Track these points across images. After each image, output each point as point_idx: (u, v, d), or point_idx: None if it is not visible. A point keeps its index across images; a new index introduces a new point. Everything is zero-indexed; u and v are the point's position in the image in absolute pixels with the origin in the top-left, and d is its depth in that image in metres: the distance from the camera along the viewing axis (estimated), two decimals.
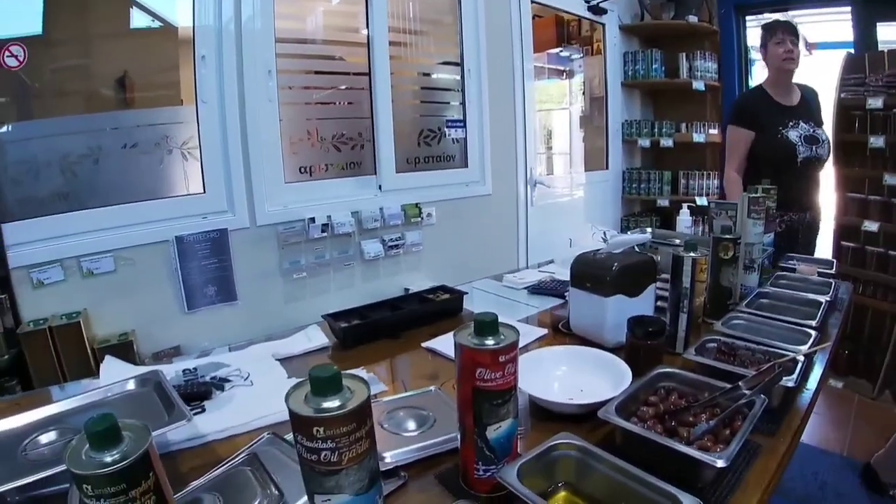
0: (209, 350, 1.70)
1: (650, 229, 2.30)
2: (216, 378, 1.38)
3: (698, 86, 4.47)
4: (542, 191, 4.10)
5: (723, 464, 0.86)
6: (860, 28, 3.98)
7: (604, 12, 4.45)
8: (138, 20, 2.48)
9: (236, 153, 2.62)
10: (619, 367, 1.25)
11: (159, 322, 2.47)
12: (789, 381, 1.13)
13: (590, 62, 4.89)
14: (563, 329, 1.69)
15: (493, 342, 0.85)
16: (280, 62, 2.74)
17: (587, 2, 4.33)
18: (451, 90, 3.56)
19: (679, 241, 1.97)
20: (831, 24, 4.21)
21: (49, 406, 1.16)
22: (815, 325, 1.47)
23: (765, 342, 1.35)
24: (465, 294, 1.99)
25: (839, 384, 3.70)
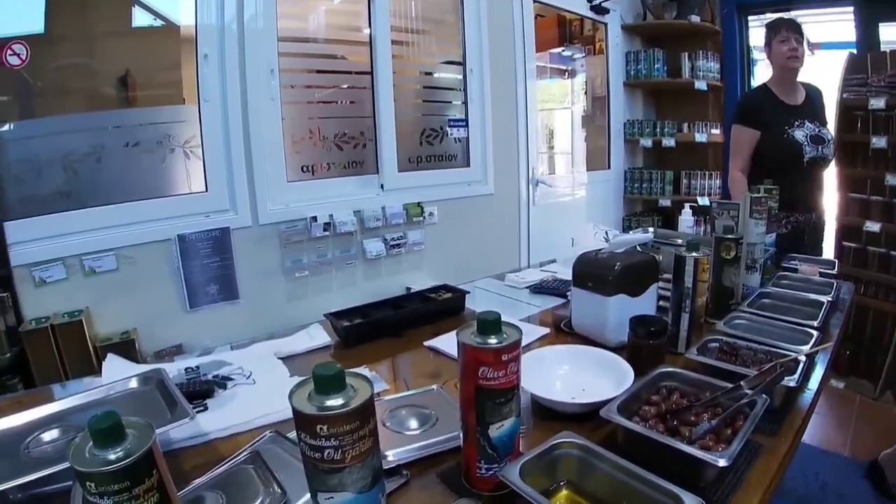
0: (211, 349, 1.70)
1: (652, 229, 2.30)
2: (218, 376, 1.38)
3: (700, 86, 4.47)
4: (544, 190, 4.09)
5: (724, 463, 0.86)
6: (863, 28, 3.97)
7: (606, 12, 4.45)
8: (140, 19, 2.48)
9: (238, 152, 2.62)
10: (621, 366, 1.25)
11: (161, 321, 2.47)
12: (791, 381, 1.13)
13: (592, 62, 4.89)
14: (565, 328, 1.69)
15: (495, 341, 0.85)
16: (282, 61, 2.74)
17: (589, 1, 4.32)
18: (454, 89, 3.56)
19: (681, 241, 1.97)
20: (834, 25, 4.20)
21: (51, 404, 1.15)
22: (816, 325, 1.46)
23: (767, 342, 1.34)
24: (468, 293, 1.99)
25: (841, 385, 3.70)
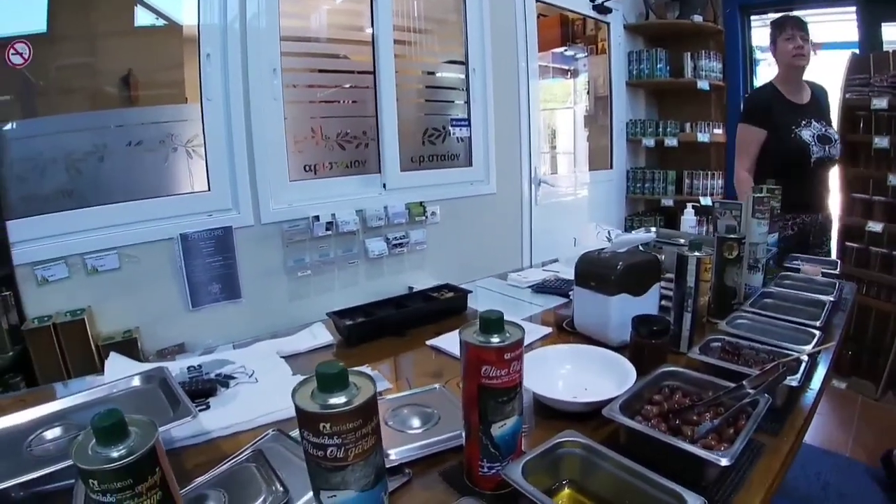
0: (213, 348, 1.70)
1: (654, 229, 2.30)
2: (221, 375, 1.38)
3: (703, 85, 4.47)
4: (546, 190, 4.09)
5: (727, 462, 0.85)
6: (865, 28, 3.97)
7: (608, 11, 4.44)
8: (142, 18, 2.48)
9: (241, 151, 2.63)
10: (623, 365, 1.25)
11: (163, 319, 2.48)
12: (793, 381, 1.13)
13: (594, 61, 4.89)
14: (567, 328, 1.69)
15: (498, 340, 0.84)
16: (284, 60, 2.74)
17: (592, 1, 4.32)
18: (456, 89, 3.56)
19: (683, 241, 1.96)
20: (836, 25, 4.20)
21: (54, 402, 1.15)
22: (819, 325, 1.46)
23: (769, 342, 1.34)
24: (470, 293, 1.98)
25: (842, 385, 3.69)
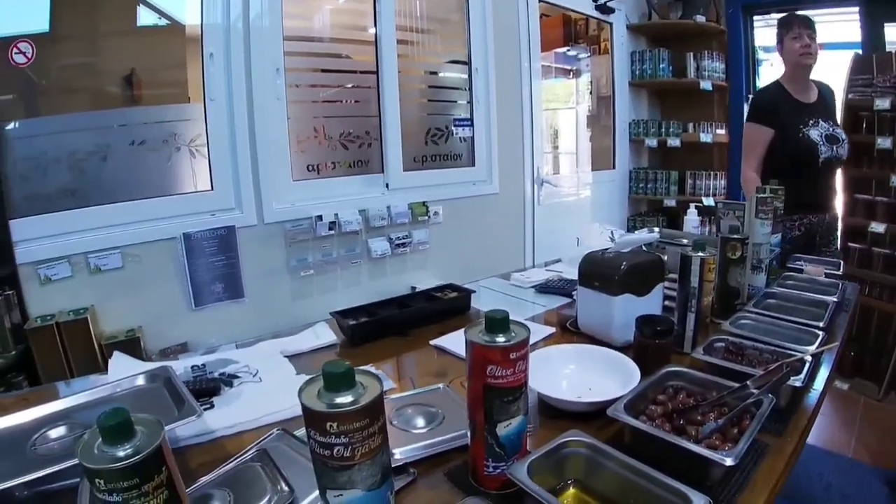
0: (215, 347, 1.70)
1: (657, 229, 2.30)
2: (225, 374, 1.39)
3: (706, 86, 4.46)
4: (549, 190, 4.09)
5: (731, 462, 0.85)
6: (868, 28, 3.97)
7: (611, 11, 4.44)
8: (145, 18, 2.48)
9: (244, 151, 2.63)
10: (627, 365, 1.25)
11: (166, 319, 2.48)
12: (797, 381, 1.13)
13: (597, 61, 4.89)
14: (570, 328, 1.69)
15: (503, 339, 0.84)
16: (287, 60, 2.75)
17: (594, 1, 4.32)
18: (459, 89, 3.56)
19: (686, 241, 1.96)
20: (839, 25, 4.19)
21: (58, 401, 1.15)
22: (822, 325, 1.46)
23: (772, 342, 1.34)
24: (473, 292, 1.98)
25: (845, 386, 3.69)
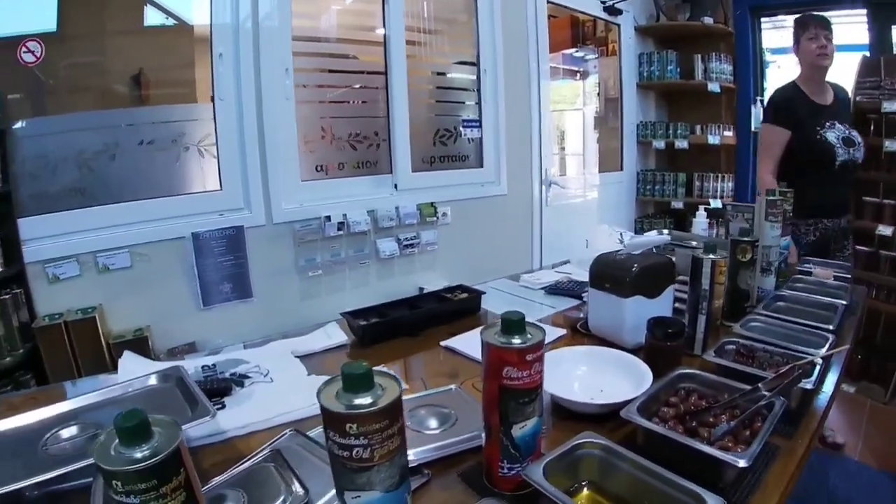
0: (221, 347, 1.70)
1: (666, 231, 2.29)
2: (235, 374, 1.39)
3: (713, 87, 4.46)
4: (556, 191, 4.09)
5: (745, 464, 0.86)
6: (876, 31, 3.96)
7: (619, 13, 4.44)
8: (152, 18, 2.49)
9: (253, 151, 2.63)
10: (639, 367, 1.25)
11: (174, 318, 2.49)
12: (808, 384, 1.12)
13: (605, 63, 4.88)
14: (581, 329, 1.69)
15: (519, 341, 0.85)
16: (295, 60, 2.75)
17: (603, 2, 4.33)
18: (467, 90, 3.56)
19: (695, 243, 1.96)
20: (847, 27, 4.18)
21: (70, 401, 1.15)
22: (832, 328, 1.46)
23: (783, 345, 1.34)
24: (484, 293, 1.98)
25: (851, 389, 3.67)
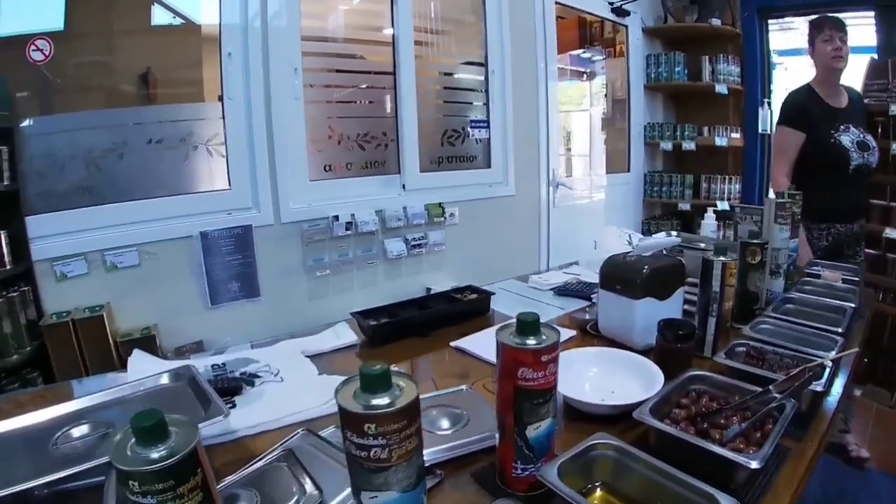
0: (227, 346, 1.70)
1: (675, 233, 2.29)
2: (246, 374, 1.39)
3: (721, 89, 4.44)
4: (563, 192, 4.08)
5: (757, 465, 0.86)
6: (884, 33, 3.94)
7: (627, 14, 4.44)
8: (159, 17, 2.49)
9: (262, 150, 2.64)
10: (650, 369, 1.25)
11: (182, 317, 2.49)
12: (818, 386, 1.13)
13: (612, 64, 4.87)
14: (590, 331, 1.69)
15: (534, 342, 0.85)
16: (303, 60, 2.75)
17: (610, 3, 4.32)
18: (475, 90, 3.56)
19: (704, 245, 1.96)
20: (855, 29, 4.15)
21: (81, 399, 1.15)
22: (841, 331, 1.46)
23: (793, 347, 1.33)
24: (493, 294, 1.98)
25: (858, 392, 3.66)
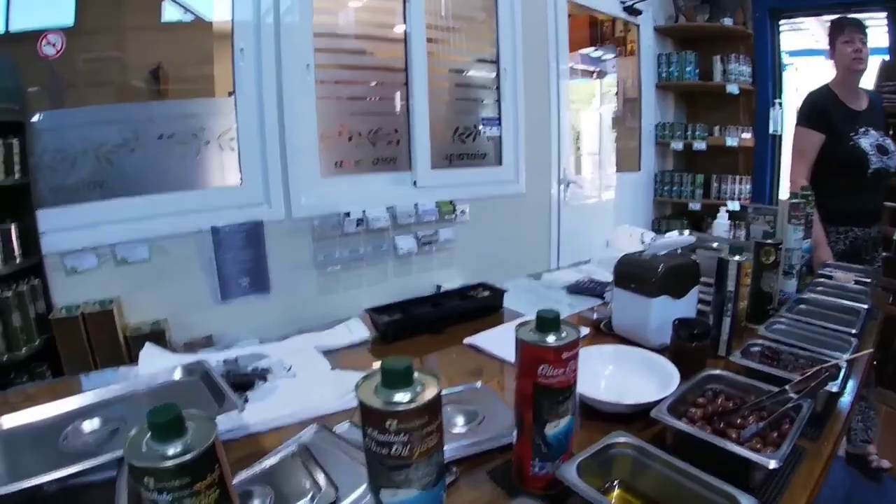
0: (235, 341, 1.70)
1: (687, 231, 2.28)
2: (258, 369, 1.38)
3: (732, 89, 4.43)
4: (574, 191, 4.07)
5: (775, 465, 0.85)
6: (895, 34, 3.92)
7: (638, 13, 4.43)
8: (170, 13, 2.50)
9: (273, 146, 2.64)
10: (666, 368, 1.24)
11: (192, 311, 2.50)
12: (833, 387, 1.12)
13: (623, 63, 4.86)
14: (604, 329, 1.68)
15: (555, 339, 0.84)
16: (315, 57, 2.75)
17: (622, 2, 4.31)
18: (486, 88, 3.56)
19: (716, 245, 1.95)
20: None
21: (92, 392, 1.14)
22: (855, 332, 1.45)
23: (808, 347, 1.33)
24: (506, 291, 1.96)
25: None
